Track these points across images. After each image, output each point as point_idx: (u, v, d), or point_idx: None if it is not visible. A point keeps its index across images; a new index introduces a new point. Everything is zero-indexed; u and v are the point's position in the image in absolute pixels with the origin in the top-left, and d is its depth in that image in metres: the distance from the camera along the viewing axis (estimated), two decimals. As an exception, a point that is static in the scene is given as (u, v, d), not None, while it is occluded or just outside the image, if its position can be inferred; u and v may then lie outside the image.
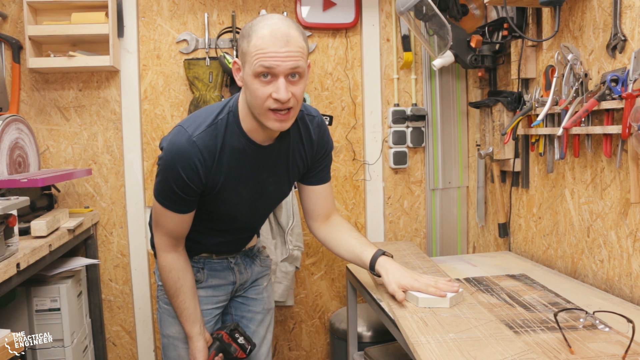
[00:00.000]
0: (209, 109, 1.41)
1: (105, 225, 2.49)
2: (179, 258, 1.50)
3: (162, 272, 1.51)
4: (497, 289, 1.63)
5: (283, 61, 1.24)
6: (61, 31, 2.24)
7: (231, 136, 1.37)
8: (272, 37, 1.23)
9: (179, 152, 1.34)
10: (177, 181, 1.36)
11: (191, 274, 1.53)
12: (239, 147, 1.38)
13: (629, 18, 1.50)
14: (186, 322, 1.51)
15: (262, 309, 1.72)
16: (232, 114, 1.38)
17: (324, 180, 1.60)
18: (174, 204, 1.41)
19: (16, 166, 2.09)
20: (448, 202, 2.65)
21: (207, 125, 1.35)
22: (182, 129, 1.36)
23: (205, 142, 1.34)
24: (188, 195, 1.39)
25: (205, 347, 1.52)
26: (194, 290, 1.53)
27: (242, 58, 1.29)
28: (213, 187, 1.40)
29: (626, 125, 1.39)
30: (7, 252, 1.55)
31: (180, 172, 1.34)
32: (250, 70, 1.26)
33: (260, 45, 1.23)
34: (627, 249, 1.55)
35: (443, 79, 2.58)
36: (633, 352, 1.12)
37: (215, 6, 2.48)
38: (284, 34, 1.24)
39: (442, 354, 1.13)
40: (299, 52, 1.26)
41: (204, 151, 1.34)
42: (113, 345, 2.55)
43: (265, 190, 1.49)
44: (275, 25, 1.25)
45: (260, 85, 1.26)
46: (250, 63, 1.25)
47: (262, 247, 1.79)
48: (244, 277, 1.67)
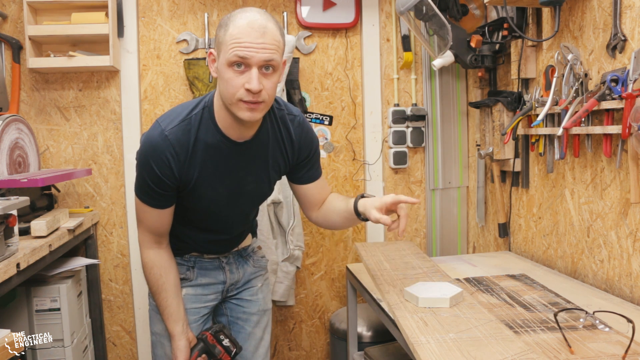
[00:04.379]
0: (185, 105, 1.42)
1: (105, 225, 2.49)
2: (161, 255, 1.50)
3: (144, 269, 1.51)
4: (497, 289, 1.63)
5: (257, 52, 1.24)
6: (61, 31, 2.24)
7: (205, 131, 1.38)
8: (248, 28, 1.24)
9: (152, 146, 1.35)
10: (150, 175, 1.37)
11: (174, 272, 1.53)
12: (212, 142, 1.38)
13: (629, 18, 1.50)
14: (168, 320, 1.51)
15: (257, 311, 1.70)
16: (207, 109, 1.39)
17: (314, 178, 1.59)
18: (150, 198, 1.42)
19: (16, 166, 2.09)
20: (448, 202, 2.65)
21: (180, 120, 1.36)
22: (157, 124, 1.38)
23: (178, 136, 1.35)
24: (163, 189, 1.39)
25: (187, 347, 1.51)
26: (177, 288, 1.52)
27: (218, 47, 1.30)
28: (187, 182, 1.40)
29: (626, 125, 1.39)
30: (7, 252, 1.54)
31: (153, 166, 1.35)
32: (224, 60, 1.27)
33: (236, 35, 1.24)
34: (627, 249, 1.55)
35: (443, 79, 2.58)
36: (633, 352, 1.12)
37: (215, 6, 2.48)
38: (261, 25, 1.25)
39: (442, 354, 1.13)
40: (275, 45, 1.27)
41: (176, 145, 1.35)
42: (113, 345, 2.55)
43: (243, 188, 1.49)
44: (253, 17, 1.26)
45: (233, 75, 1.26)
46: (225, 52, 1.26)
47: (258, 248, 1.77)
48: (235, 277, 1.66)
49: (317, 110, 2.57)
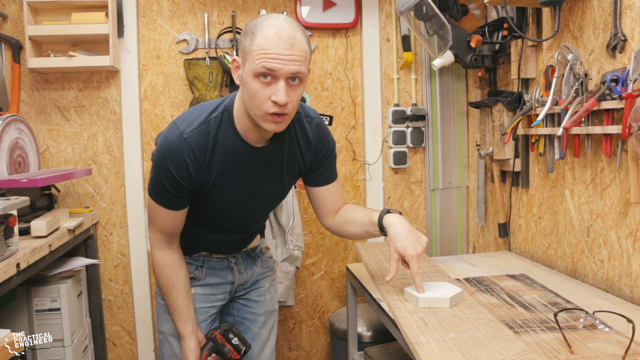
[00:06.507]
0: (203, 106, 1.41)
1: (105, 225, 2.49)
2: (172, 255, 1.50)
3: (155, 269, 1.51)
4: (497, 289, 1.63)
5: (285, 64, 1.22)
6: (61, 31, 2.23)
7: (224, 135, 1.37)
8: (276, 38, 1.21)
9: (170, 148, 1.34)
10: (167, 177, 1.36)
11: (185, 272, 1.53)
12: (231, 146, 1.38)
13: (629, 18, 1.50)
14: (178, 320, 1.51)
15: (264, 311, 1.71)
16: (226, 112, 1.37)
17: (330, 180, 1.58)
18: (165, 200, 1.41)
19: (16, 166, 2.09)
20: (448, 202, 2.65)
21: (200, 123, 1.35)
22: (175, 126, 1.36)
23: (197, 139, 1.34)
24: (179, 191, 1.39)
25: (197, 347, 1.51)
26: (188, 288, 1.52)
27: (243, 56, 1.27)
28: (204, 184, 1.40)
29: (626, 125, 1.39)
30: (7, 252, 1.54)
31: (171, 168, 1.34)
32: (250, 70, 1.24)
33: (263, 45, 1.21)
34: (627, 249, 1.55)
35: (443, 79, 2.58)
36: (633, 352, 1.12)
37: (215, 6, 2.48)
38: (289, 35, 1.22)
39: (442, 354, 1.13)
40: (302, 56, 1.24)
41: (195, 148, 1.34)
42: (113, 345, 2.55)
43: (258, 192, 1.48)
44: (281, 26, 1.23)
45: (259, 86, 1.24)
46: (251, 62, 1.24)
47: (266, 248, 1.77)
48: (244, 278, 1.66)
49: (317, 110, 2.57)
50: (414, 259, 1.41)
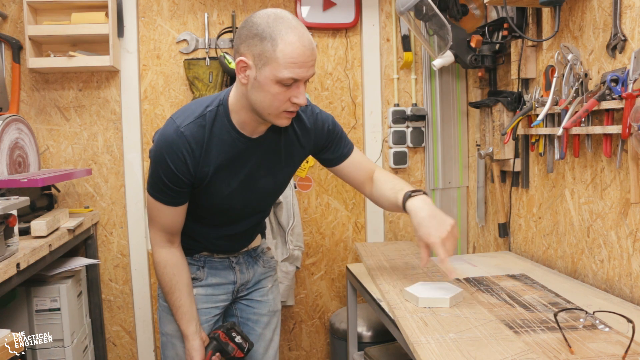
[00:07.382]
0: (199, 102, 1.42)
1: (105, 225, 2.49)
2: (174, 254, 1.50)
3: (157, 268, 1.51)
4: (497, 289, 1.62)
5: (308, 70, 1.27)
6: (61, 31, 2.24)
7: (220, 128, 1.38)
8: (302, 47, 1.24)
9: (167, 142, 1.35)
10: (166, 172, 1.37)
11: (187, 271, 1.53)
12: (227, 139, 1.39)
13: (629, 18, 1.50)
14: (181, 320, 1.50)
15: (267, 312, 1.70)
16: (222, 106, 1.39)
17: (346, 155, 1.59)
18: (165, 196, 1.41)
19: (16, 166, 2.09)
20: (448, 202, 2.65)
21: (196, 117, 1.37)
22: (172, 120, 1.38)
23: (193, 132, 1.35)
24: (178, 186, 1.39)
25: (201, 346, 1.51)
26: (190, 288, 1.52)
27: (261, 60, 1.25)
28: (202, 178, 1.40)
29: (626, 125, 1.39)
30: (7, 252, 1.55)
31: (169, 162, 1.35)
32: (272, 76, 1.25)
33: (290, 54, 1.23)
34: (627, 249, 1.55)
35: (443, 79, 2.58)
36: (633, 352, 1.12)
37: (215, 6, 2.48)
38: (309, 41, 1.26)
39: (442, 354, 1.13)
40: (316, 58, 1.30)
41: (192, 142, 1.35)
42: (113, 345, 2.55)
43: (257, 183, 1.49)
44: (299, 31, 1.25)
45: (280, 90, 1.27)
46: (275, 69, 1.24)
47: (267, 248, 1.77)
48: (246, 277, 1.66)
49: (317, 110, 2.58)
50: (438, 245, 1.39)
